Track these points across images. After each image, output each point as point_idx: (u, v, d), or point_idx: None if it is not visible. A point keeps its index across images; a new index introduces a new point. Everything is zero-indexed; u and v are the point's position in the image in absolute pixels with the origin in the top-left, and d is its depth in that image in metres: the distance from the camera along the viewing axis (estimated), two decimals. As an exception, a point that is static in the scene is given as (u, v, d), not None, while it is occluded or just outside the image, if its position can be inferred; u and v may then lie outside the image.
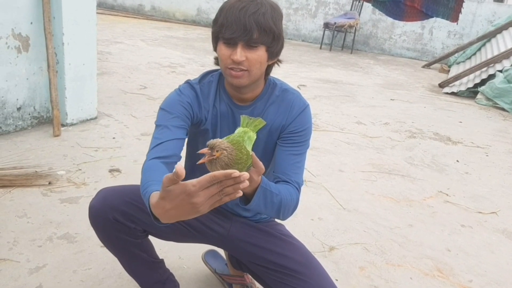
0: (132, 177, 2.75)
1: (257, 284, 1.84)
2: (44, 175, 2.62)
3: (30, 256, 1.94)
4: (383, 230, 2.53)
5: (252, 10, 1.24)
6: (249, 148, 1.14)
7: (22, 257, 1.93)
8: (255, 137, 1.22)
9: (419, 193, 3.06)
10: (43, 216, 2.24)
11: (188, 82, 1.46)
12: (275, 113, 1.43)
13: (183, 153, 1.45)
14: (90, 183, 2.62)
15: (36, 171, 2.65)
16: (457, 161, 3.74)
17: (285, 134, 1.44)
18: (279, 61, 1.42)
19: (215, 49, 1.37)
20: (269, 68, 1.41)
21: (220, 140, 1.06)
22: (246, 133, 1.19)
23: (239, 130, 1.21)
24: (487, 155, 3.96)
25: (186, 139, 1.42)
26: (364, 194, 2.96)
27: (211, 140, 1.06)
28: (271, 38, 1.29)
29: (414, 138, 4.19)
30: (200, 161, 1.06)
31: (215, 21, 1.32)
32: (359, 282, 2.05)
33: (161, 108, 1.41)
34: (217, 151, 1.03)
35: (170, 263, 1.97)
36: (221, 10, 1.30)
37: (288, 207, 1.36)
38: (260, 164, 1.15)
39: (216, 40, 1.34)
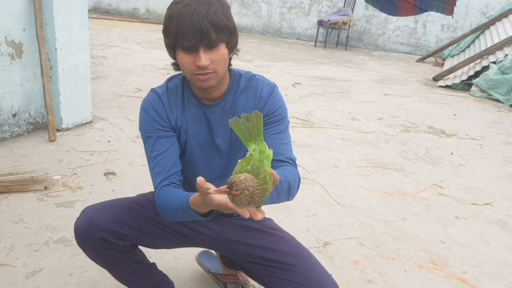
0: (127, 180, 2.78)
1: (251, 281, 1.87)
2: (40, 180, 2.65)
3: (27, 261, 1.96)
4: (377, 224, 2.55)
5: (203, 11, 1.23)
6: (269, 167, 1.05)
7: (18, 261, 1.95)
8: (272, 153, 1.09)
9: (413, 186, 3.08)
10: (40, 221, 2.27)
11: (153, 91, 1.45)
12: (245, 102, 1.45)
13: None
14: (86, 187, 2.64)
15: (32, 176, 2.67)
16: (451, 153, 3.76)
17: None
18: (237, 50, 1.42)
19: (174, 58, 1.36)
20: (229, 60, 1.41)
21: (241, 177, 0.97)
22: (263, 153, 1.07)
23: (253, 150, 1.08)
24: (481, 147, 3.98)
25: None
26: (358, 189, 2.98)
27: (231, 177, 0.99)
28: (228, 33, 1.29)
29: (408, 132, 4.22)
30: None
31: (167, 31, 1.29)
32: (353, 276, 2.07)
33: (142, 134, 1.43)
34: (236, 190, 0.97)
35: (166, 264, 2.00)
36: (170, 18, 1.27)
37: (294, 186, 1.34)
38: (276, 176, 1.07)
39: (173, 49, 1.32)
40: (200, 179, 1.05)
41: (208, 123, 1.45)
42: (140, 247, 1.56)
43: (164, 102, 1.42)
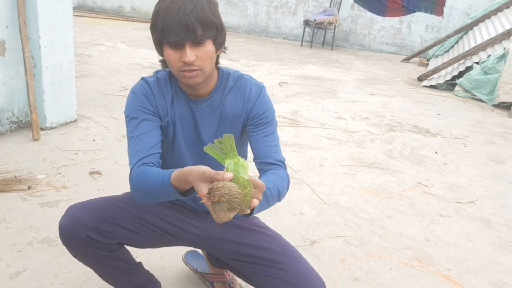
0: (112, 179, 2.75)
1: (238, 280, 1.86)
2: (23, 179, 2.61)
3: (10, 261, 1.93)
4: (363, 223, 2.57)
5: (189, 7, 1.23)
6: (246, 175, 1.09)
7: (1, 262, 1.92)
8: (246, 162, 1.14)
9: (398, 185, 3.11)
10: (23, 221, 2.23)
11: (144, 79, 1.46)
12: (233, 101, 1.45)
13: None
14: (71, 186, 2.61)
15: (15, 176, 2.63)
16: (436, 152, 3.80)
17: (250, 120, 1.46)
18: (225, 48, 1.42)
19: (161, 55, 1.37)
20: (217, 58, 1.42)
21: (219, 184, 1.01)
22: (237, 163, 1.12)
23: (228, 164, 1.12)
24: (465, 146, 4.03)
25: None
26: (344, 187, 3.00)
27: (213, 184, 1.03)
28: (215, 30, 1.29)
29: (393, 131, 4.25)
30: (203, 201, 1.06)
31: (154, 27, 1.29)
32: (339, 275, 2.08)
33: (126, 116, 1.42)
34: (214, 196, 1.01)
35: (152, 263, 1.99)
36: (157, 14, 1.27)
37: (283, 190, 1.37)
38: (260, 182, 1.11)
39: (160, 45, 1.33)
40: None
41: (194, 119, 1.45)
42: (126, 246, 1.55)
43: (154, 90, 1.43)
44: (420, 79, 6.55)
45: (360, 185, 3.06)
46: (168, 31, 1.25)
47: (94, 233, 1.37)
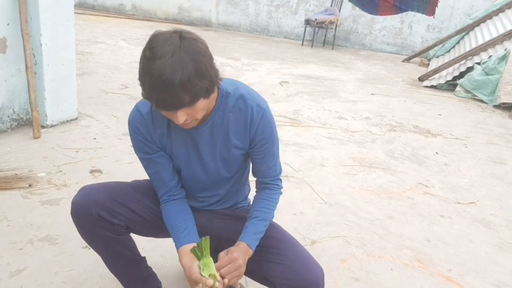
0: (113, 177, 2.74)
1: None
2: (24, 177, 2.61)
3: (11, 259, 1.93)
4: (364, 223, 2.57)
5: (176, 79, 1.14)
6: (211, 269, 1.35)
7: (2, 260, 1.92)
8: (209, 259, 1.38)
9: (399, 185, 3.11)
10: (24, 219, 2.23)
11: (138, 111, 1.44)
12: (235, 123, 1.43)
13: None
14: (71, 185, 2.61)
15: (16, 174, 2.63)
16: (437, 153, 3.80)
17: (252, 143, 1.47)
18: (220, 80, 1.34)
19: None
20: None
21: None
22: (208, 264, 1.37)
23: (202, 264, 1.37)
24: (466, 147, 4.03)
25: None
26: (345, 187, 3.00)
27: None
28: (205, 91, 1.22)
29: (394, 131, 4.25)
30: None
31: (142, 83, 1.21)
32: (340, 275, 2.08)
33: (135, 152, 1.50)
34: None
35: (153, 262, 1.97)
36: (144, 75, 1.19)
37: (270, 215, 1.55)
38: (223, 268, 1.37)
39: None
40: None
41: (195, 144, 1.46)
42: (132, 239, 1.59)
43: (148, 123, 1.43)
44: (421, 79, 6.55)
45: (361, 185, 3.06)
46: (156, 101, 1.19)
47: (105, 212, 1.41)
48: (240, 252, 1.41)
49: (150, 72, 1.15)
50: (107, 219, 1.42)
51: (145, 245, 1.92)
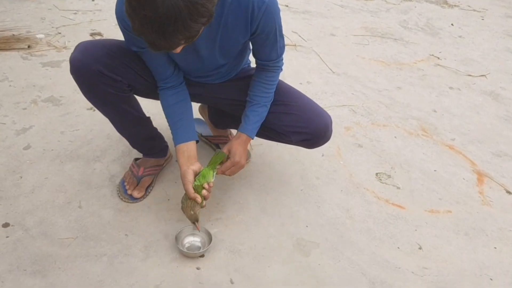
0: (115, 41, 2.65)
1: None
2: (22, 38, 2.52)
3: (16, 118, 1.93)
4: (371, 93, 2.53)
5: (169, 26, 0.97)
6: (207, 179, 1.41)
7: (7, 119, 1.92)
8: (211, 172, 1.43)
9: (410, 56, 3.01)
10: (25, 80, 2.20)
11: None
12: (235, 21, 1.27)
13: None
14: (72, 47, 2.50)
15: (13, 34, 2.54)
16: (452, 24, 3.62)
17: (254, 36, 1.34)
18: None
19: None
20: None
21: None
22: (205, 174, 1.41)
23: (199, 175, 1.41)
24: (482, 19, 3.84)
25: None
26: (354, 58, 2.91)
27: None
28: (203, 25, 1.03)
29: (410, 1, 4.01)
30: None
31: (130, 20, 1.01)
32: (344, 141, 2.09)
33: (127, 45, 1.38)
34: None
35: (157, 125, 1.98)
36: (131, 15, 1.00)
37: (272, 95, 1.50)
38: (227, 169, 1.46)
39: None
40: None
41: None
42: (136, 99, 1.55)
43: None
44: None
45: (371, 55, 2.96)
46: (149, 43, 1.04)
47: (105, 69, 1.34)
48: (241, 149, 1.47)
49: (138, 17, 0.98)
50: (109, 76, 1.35)
51: (149, 108, 1.90)
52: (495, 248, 1.61)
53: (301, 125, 1.48)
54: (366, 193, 1.79)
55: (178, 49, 1.09)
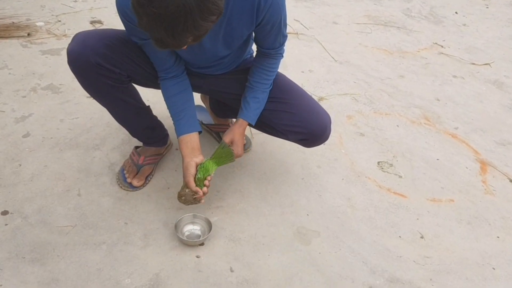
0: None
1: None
2: (22, 26, 2.49)
3: (15, 106, 1.91)
4: (374, 81, 2.50)
5: (179, 25, 0.94)
6: (208, 172, 1.41)
7: (6, 107, 1.90)
8: (213, 165, 1.43)
9: (413, 44, 2.98)
10: (25, 68, 2.18)
11: None
12: (240, 14, 1.24)
13: None
14: (71, 35, 2.46)
15: (13, 22, 2.51)
16: (456, 12, 3.58)
17: (259, 27, 1.31)
18: None
19: None
20: None
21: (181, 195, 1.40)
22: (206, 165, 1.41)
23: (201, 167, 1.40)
24: (487, 7, 3.79)
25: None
26: (357, 46, 2.88)
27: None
28: (212, 23, 1.01)
29: (413, -12, 3.96)
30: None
31: (137, 15, 0.98)
32: (345, 130, 2.07)
33: (129, 36, 1.34)
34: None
35: (157, 113, 1.97)
36: (137, 12, 0.97)
37: (271, 81, 1.48)
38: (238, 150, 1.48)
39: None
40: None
41: None
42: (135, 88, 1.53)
43: None
44: None
45: (374, 43, 2.93)
46: (156, 40, 1.01)
47: (104, 60, 1.31)
48: (242, 139, 1.48)
49: (146, 14, 0.95)
50: (107, 68, 1.32)
51: (149, 96, 1.88)
52: (498, 237, 1.60)
53: (299, 124, 1.46)
54: (368, 182, 1.77)
55: (184, 47, 1.06)
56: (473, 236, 1.59)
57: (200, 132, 1.43)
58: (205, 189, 1.37)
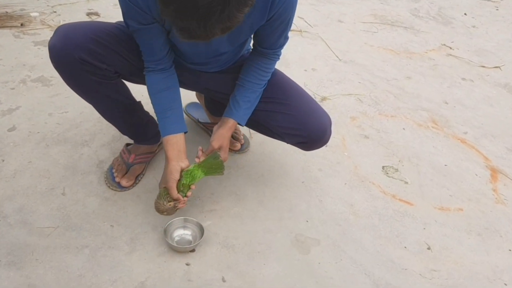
0: (111, 21, 2.53)
1: (239, 128, 1.78)
2: (15, 16, 2.40)
3: (2, 98, 1.82)
4: (379, 82, 2.40)
5: (213, 12, 0.86)
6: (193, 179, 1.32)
7: (-7, 98, 1.81)
8: (200, 172, 1.33)
9: (421, 45, 2.87)
10: (16, 59, 2.08)
11: None
12: (252, 8, 1.06)
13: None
14: (66, 26, 2.41)
15: (6, 12, 2.42)
16: (465, 14, 3.48)
17: (268, 22, 1.22)
18: None
19: None
20: None
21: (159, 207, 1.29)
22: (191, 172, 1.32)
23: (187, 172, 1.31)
24: (497, 9, 3.69)
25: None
26: (362, 45, 2.78)
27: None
28: (242, 17, 0.93)
29: (422, -12, 3.86)
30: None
31: (162, 7, 0.91)
32: (349, 132, 1.98)
33: (125, 22, 1.21)
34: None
35: (150, 108, 1.87)
36: (163, 2, 0.90)
37: (266, 82, 1.39)
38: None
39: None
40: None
41: None
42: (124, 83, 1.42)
43: None
44: None
45: (380, 43, 2.83)
46: (179, 34, 0.93)
47: (88, 56, 1.20)
48: (229, 142, 1.40)
49: (178, 1, 0.87)
50: (92, 63, 1.22)
51: (143, 90, 1.79)
52: (510, 250, 1.50)
53: (297, 127, 1.37)
54: (372, 187, 1.67)
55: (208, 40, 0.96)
56: (484, 249, 1.49)
57: (185, 133, 1.33)
58: (189, 193, 1.28)
